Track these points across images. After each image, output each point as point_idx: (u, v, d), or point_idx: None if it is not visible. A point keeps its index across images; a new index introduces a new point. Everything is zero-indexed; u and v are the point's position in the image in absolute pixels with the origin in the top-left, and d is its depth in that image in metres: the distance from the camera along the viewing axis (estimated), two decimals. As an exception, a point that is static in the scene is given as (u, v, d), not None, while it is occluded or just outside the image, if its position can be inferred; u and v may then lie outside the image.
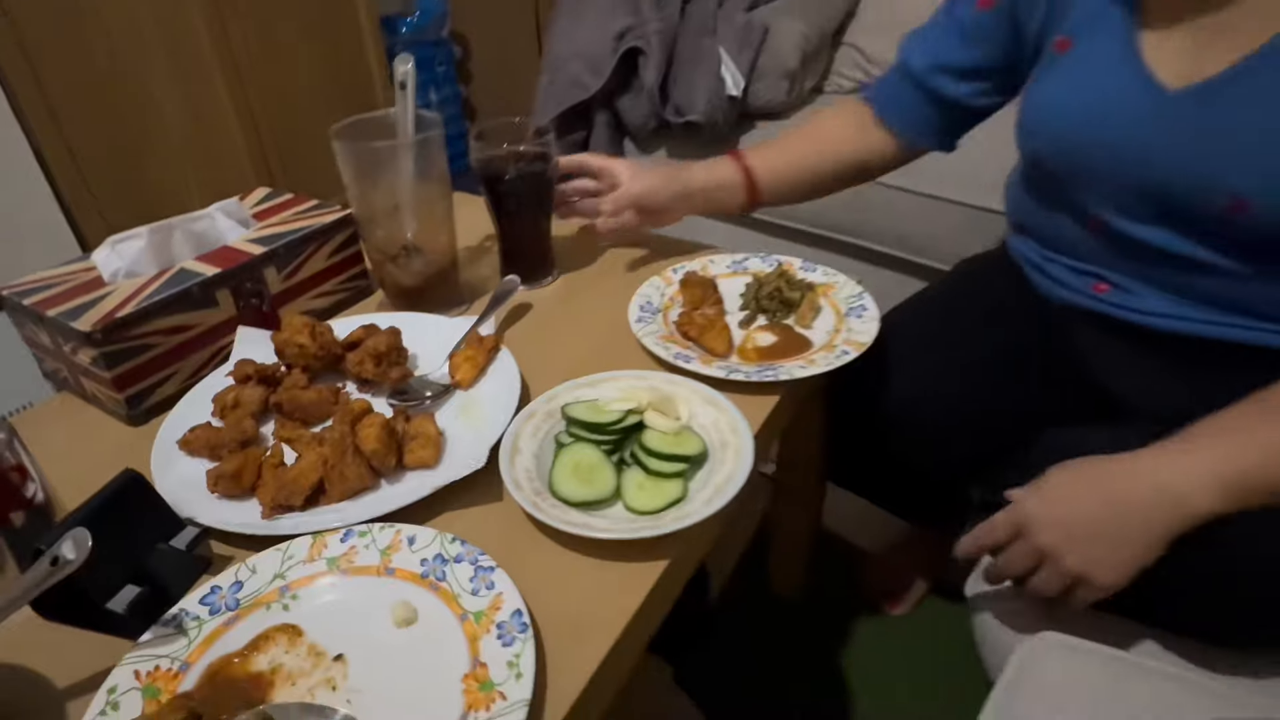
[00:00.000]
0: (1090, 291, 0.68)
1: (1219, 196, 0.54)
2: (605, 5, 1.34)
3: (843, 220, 1.31)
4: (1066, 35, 0.63)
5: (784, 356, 0.67)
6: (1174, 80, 0.56)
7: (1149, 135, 0.57)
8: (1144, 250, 0.62)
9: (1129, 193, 0.60)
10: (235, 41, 1.65)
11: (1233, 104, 0.54)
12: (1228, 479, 0.48)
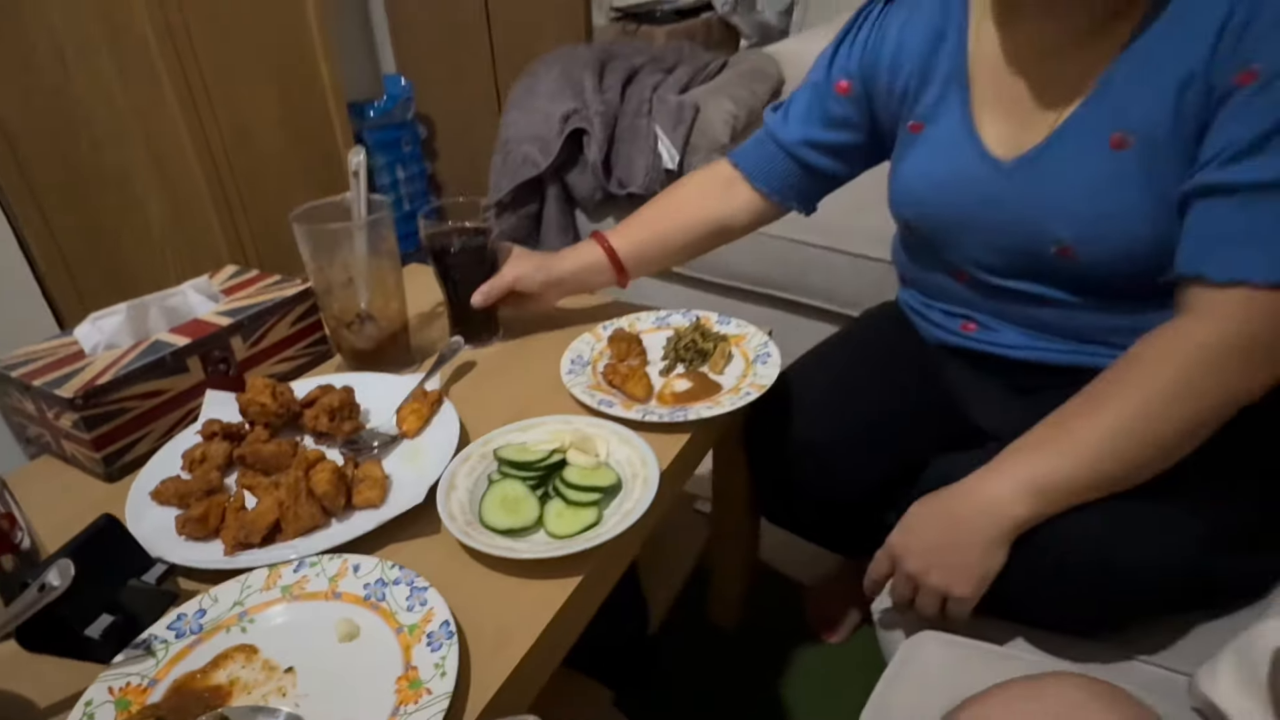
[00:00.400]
0: (960, 331, 0.78)
1: (1049, 244, 0.65)
2: (552, 92, 1.48)
3: (772, 275, 1.43)
4: (919, 120, 0.74)
5: (697, 400, 0.76)
6: (1005, 153, 0.68)
7: (991, 199, 0.68)
8: (1001, 293, 0.72)
9: (982, 247, 0.71)
10: (210, 131, 1.76)
11: (1046, 170, 0.65)
12: (1036, 486, 0.57)
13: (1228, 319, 0.56)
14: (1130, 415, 0.57)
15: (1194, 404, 0.56)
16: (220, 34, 1.75)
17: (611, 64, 1.54)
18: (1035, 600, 0.62)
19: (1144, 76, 0.59)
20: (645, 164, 1.38)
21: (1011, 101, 0.67)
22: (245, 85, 1.83)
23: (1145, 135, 0.59)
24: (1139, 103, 0.59)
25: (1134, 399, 0.57)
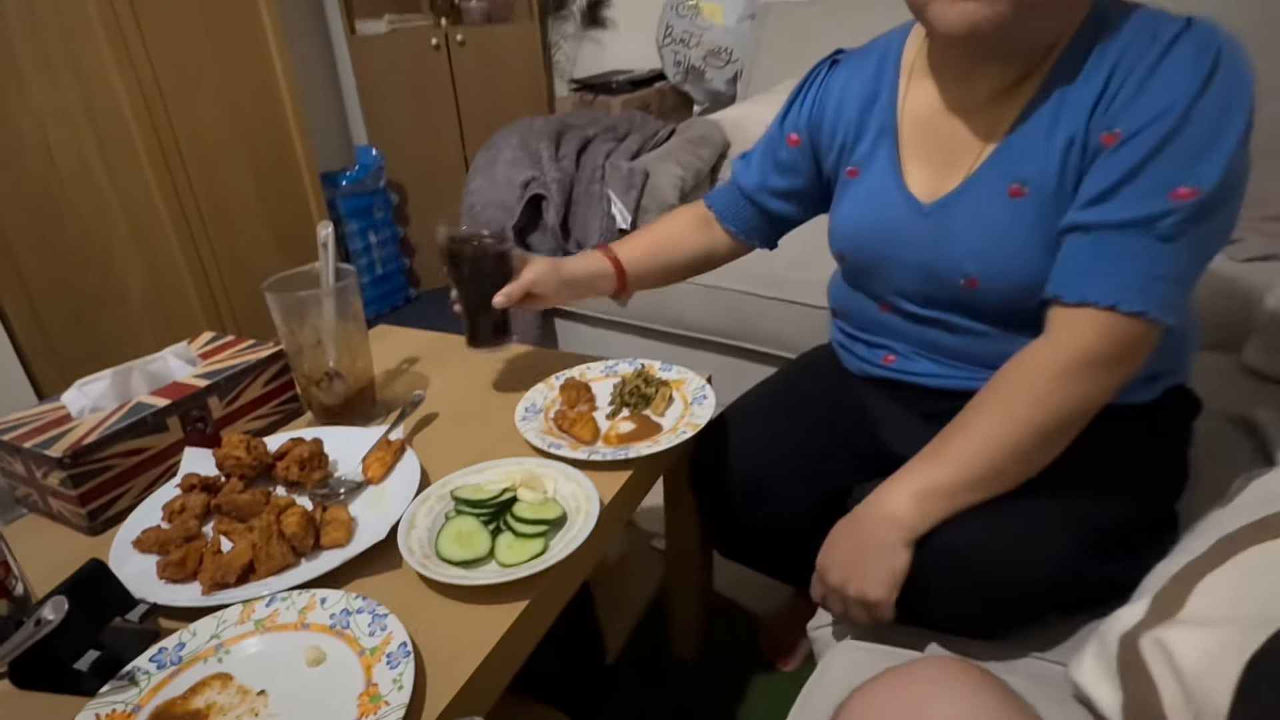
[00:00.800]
0: (881, 363, 0.87)
1: (959, 277, 0.74)
2: (512, 161, 1.58)
3: (723, 324, 1.52)
4: (855, 166, 0.84)
5: (640, 439, 0.83)
6: (925, 197, 0.77)
7: (913, 236, 0.77)
8: (918, 322, 0.81)
9: (903, 278, 0.80)
10: (188, 205, 1.85)
11: (958, 213, 0.74)
12: (919, 492, 0.66)
13: (1073, 336, 0.65)
14: (991, 424, 0.66)
15: (1044, 412, 0.65)
16: (197, 112, 1.85)
17: (567, 134, 1.66)
18: (941, 609, 0.69)
19: (1037, 137, 0.69)
20: (600, 225, 1.48)
21: (932, 153, 0.77)
22: (222, 161, 1.93)
23: (1037, 186, 0.69)
24: (1032, 159, 0.69)
25: (994, 410, 0.67)
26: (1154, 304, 0.63)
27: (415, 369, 1.07)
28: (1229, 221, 0.66)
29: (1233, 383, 0.99)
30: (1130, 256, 0.63)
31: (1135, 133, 0.62)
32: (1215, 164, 0.60)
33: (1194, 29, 0.62)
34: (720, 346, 1.58)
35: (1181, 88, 0.60)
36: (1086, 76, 0.66)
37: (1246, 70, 0.62)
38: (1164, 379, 0.78)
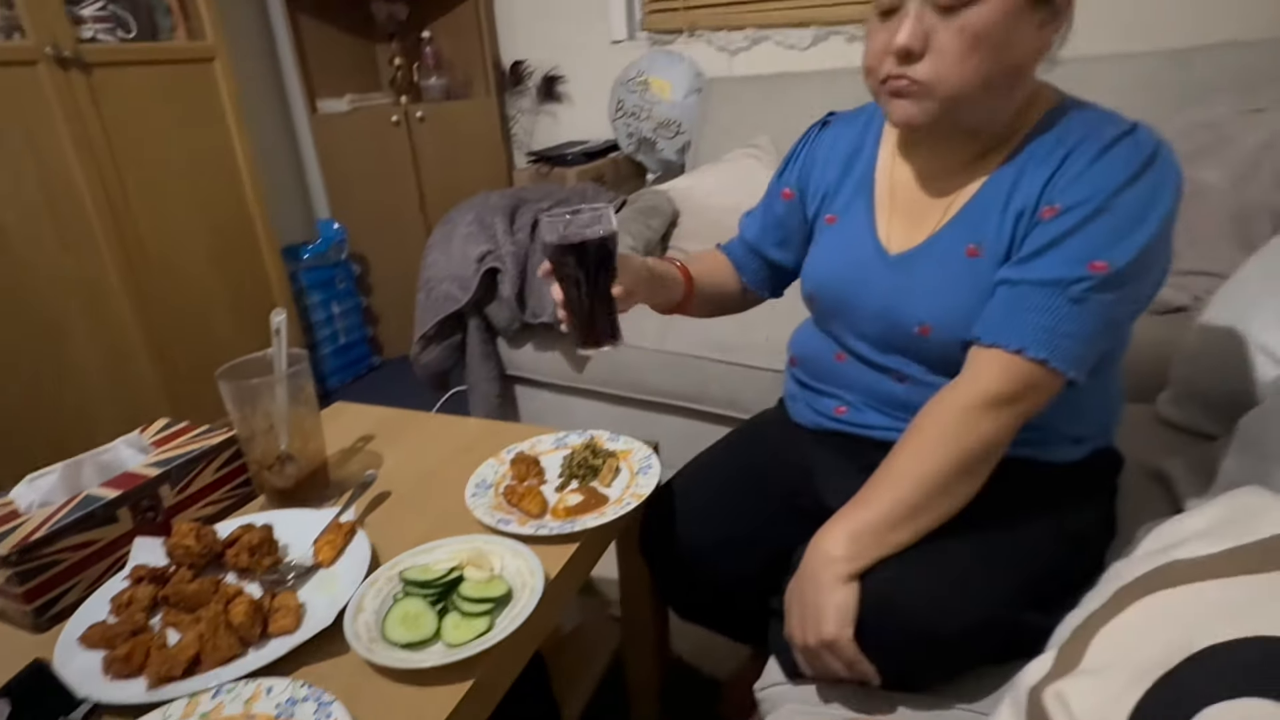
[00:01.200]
0: (833, 414, 0.91)
1: (913, 324, 0.80)
2: (467, 235, 1.63)
3: (679, 387, 1.56)
4: (833, 215, 0.91)
5: (587, 511, 0.86)
6: (893, 249, 0.83)
7: (877, 283, 0.83)
8: (873, 367, 0.86)
9: (865, 321, 0.85)
10: (145, 283, 1.86)
11: (919, 266, 0.81)
12: (851, 532, 0.72)
13: (984, 375, 0.72)
14: (910, 462, 0.72)
15: (957, 446, 0.71)
16: (156, 193, 1.88)
17: (522, 208, 1.72)
18: (873, 660, 0.72)
19: (995, 206, 0.76)
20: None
21: (903, 210, 0.84)
22: (181, 240, 1.95)
23: (990, 249, 0.76)
24: (988, 225, 0.76)
25: (913, 448, 0.73)
26: (1055, 355, 0.70)
27: (370, 447, 1.09)
28: (1138, 299, 0.73)
29: (1149, 434, 1.04)
30: (1042, 311, 0.70)
31: (1069, 208, 0.70)
32: (1130, 246, 0.68)
33: (1138, 131, 0.71)
34: (676, 409, 1.62)
35: (1114, 177, 0.68)
36: (1044, 159, 0.73)
37: (1176, 173, 0.70)
38: (1089, 442, 0.84)
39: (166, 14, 1.91)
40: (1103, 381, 0.84)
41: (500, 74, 2.68)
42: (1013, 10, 0.68)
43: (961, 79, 0.70)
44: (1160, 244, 0.71)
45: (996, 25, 0.68)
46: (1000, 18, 0.67)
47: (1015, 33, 0.69)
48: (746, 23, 2.26)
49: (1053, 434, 0.82)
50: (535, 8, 2.59)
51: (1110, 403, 0.87)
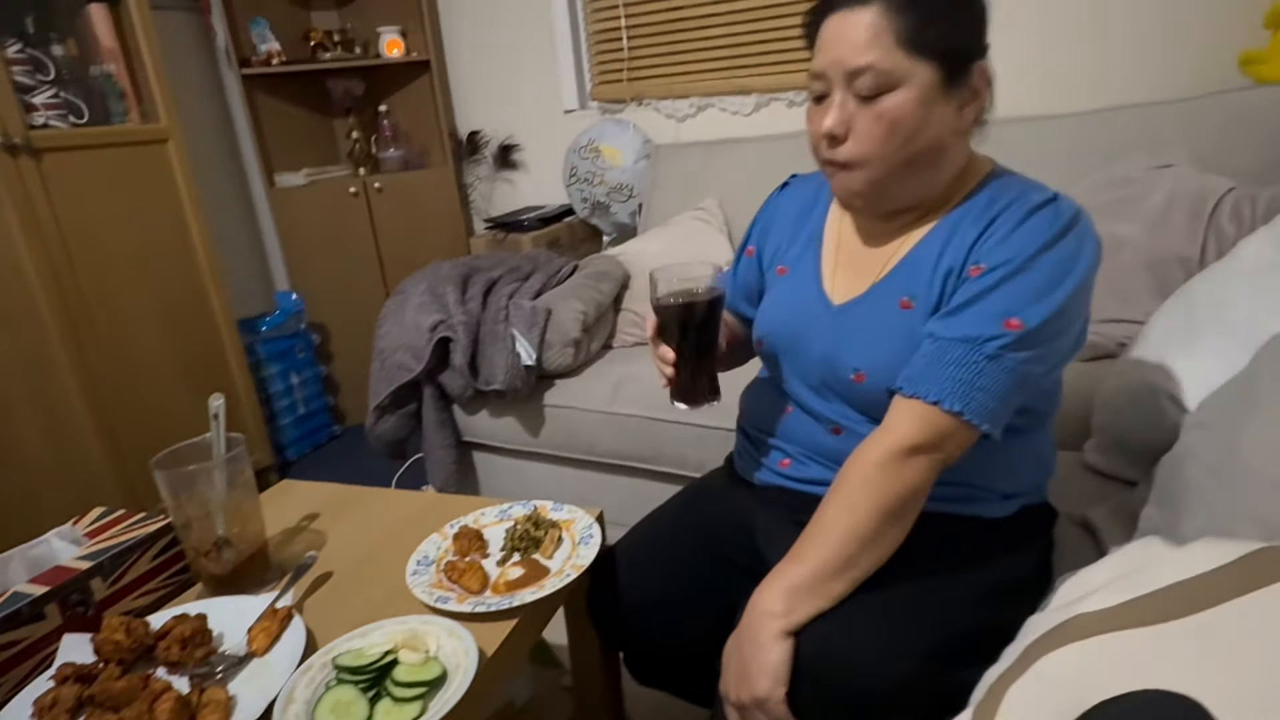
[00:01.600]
0: (778, 467, 0.93)
1: (849, 370, 0.83)
2: (419, 305, 1.66)
3: (634, 449, 1.58)
4: (785, 265, 0.95)
5: (528, 585, 0.86)
6: (836, 299, 0.88)
7: (821, 330, 0.87)
8: (814, 417, 0.89)
9: (808, 364, 0.88)
10: (94, 363, 1.85)
11: (857, 316, 0.85)
12: (787, 588, 0.74)
13: (902, 425, 0.75)
14: (835, 515, 0.75)
15: (879, 496, 0.74)
16: (107, 272, 1.88)
17: (474, 276, 1.75)
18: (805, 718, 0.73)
19: (927, 263, 0.81)
20: (505, 363, 1.55)
21: (846, 264, 0.89)
22: (132, 317, 1.94)
23: (921, 302, 0.81)
24: (920, 280, 0.81)
25: (837, 502, 0.76)
26: (970, 408, 0.74)
27: (315, 525, 1.08)
28: (1051, 359, 0.77)
29: (1077, 482, 1.08)
30: (960, 365, 0.74)
31: (993, 268, 0.75)
32: (1044, 307, 0.73)
33: (1059, 200, 0.76)
34: (633, 470, 1.63)
35: (1035, 240, 0.74)
36: (974, 221, 0.79)
37: (1093, 240, 0.76)
38: (1019, 498, 0.87)
39: (120, 99, 1.94)
40: (1034, 441, 0.87)
41: (457, 144, 2.74)
42: (925, 98, 0.74)
43: (883, 160, 0.76)
44: (1075, 306, 0.76)
45: (911, 111, 0.74)
46: (914, 105, 0.73)
47: (930, 116, 0.75)
48: (691, 91, 2.35)
49: (984, 491, 0.85)
50: (490, 80, 2.68)
51: (1041, 461, 0.90)
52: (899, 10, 0.72)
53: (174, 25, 2.42)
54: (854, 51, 0.74)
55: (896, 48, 0.73)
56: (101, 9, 1.88)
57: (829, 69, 0.76)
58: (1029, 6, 1.94)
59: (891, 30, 0.73)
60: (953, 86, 0.75)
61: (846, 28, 0.75)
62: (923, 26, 0.72)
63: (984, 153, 0.86)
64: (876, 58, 0.73)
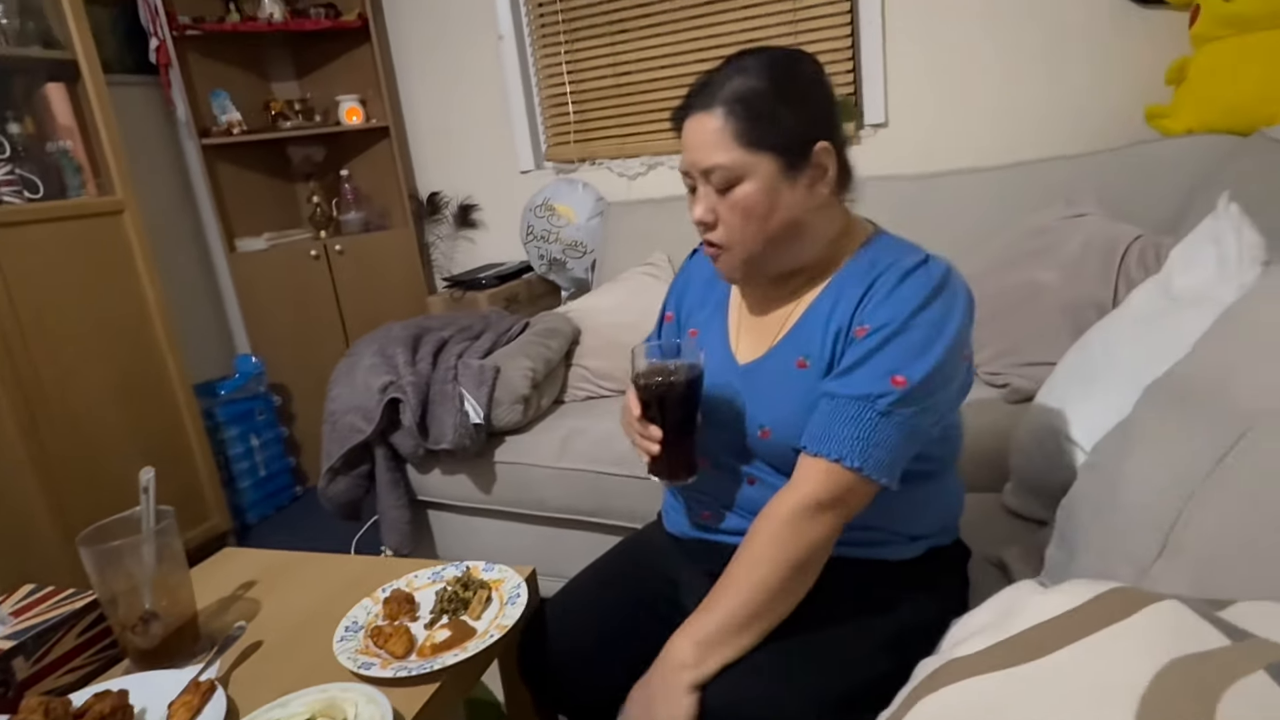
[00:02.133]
0: (701, 519, 0.96)
1: (756, 427, 0.87)
2: (370, 367, 1.68)
3: (582, 503, 1.60)
4: (696, 328, 1.00)
5: (453, 647, 0.88)
6: (743, 360, 0.92)
7: (731, 389, 0.91)
8: (729, 471, 0.92)
9: (721, 424, 0.91)
10: (46, 438, 1.84)
11: (760, 376, 0.89)
12: (698, 640, 0.77)
13: (808, 482, 0.79)
14: (744, 570, 0.78)
15: (785, 551, 0.78)
16: (61, 344, 1.88)
17: (425, 337, 1.79)
18: None
19: (818, 324, 0.86)
20: (453, 422, 1.57)
21: (750, 327, 0.94)
22: (87, 391, 1.95)
23: (815, 361, 0.85)
24: (812, 341, 0.86)
25: (746, 557, 0.79)
26: (869, 464, 0.78)
27: (251, 593, 1.09)
28: (939, 410, 0.82)
29: (994, 523, 1.12)
30: (856, 423, 0.79)
31: (876, 329, 0.80)
32: (925, 364, 0.78)
33: (931, 262, 0.82)
34: (584, 524, 1.65)
35: (911, 301, 0.79)
36: (857, 283, 0.84)
37: (965, 296, 0.83)
38: (926, 540, 0.91)
39: (76, 172, 1.98)
40: (938, 484, 0.91)
41: (418, 205, 2.81)
42: (770, 186, 0.81)
43: (744, 242, 0.83)
44: (953, 359, 0.81)
45: (759, 199, 0.81)
46: (760, 194, 0.81)
47: (779, 200, 0.82)
48: (641, 151, 2.44)
49: (890, 534, 0.89)
50: (449, 142, 2.76)
51: (947, 503, 0.94)
52: (736, 114, 0.80)
53: (135, 99, 2.49)
54: (704, 153, 0.82)
55: (737, 146, 0.80)
56: (59, 87, 1.93)
57: (690, 168, 0.85)
58: (954, 73, 2.06)
59: (730, 131, 0.80)
60: (795, 171, 0.82)
61: (697, 131, 0.82)
62: (757, 126, 0.80)
63: (919, 205, 0.93)
64: (721, 158, 0.81)
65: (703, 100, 0.82)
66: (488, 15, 2.53)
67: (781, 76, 0.81)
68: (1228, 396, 0.68)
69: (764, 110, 0.80)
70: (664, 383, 0.87)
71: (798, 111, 0.81)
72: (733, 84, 0.80)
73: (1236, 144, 1.53)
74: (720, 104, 0.80)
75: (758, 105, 0.80)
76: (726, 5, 2.24)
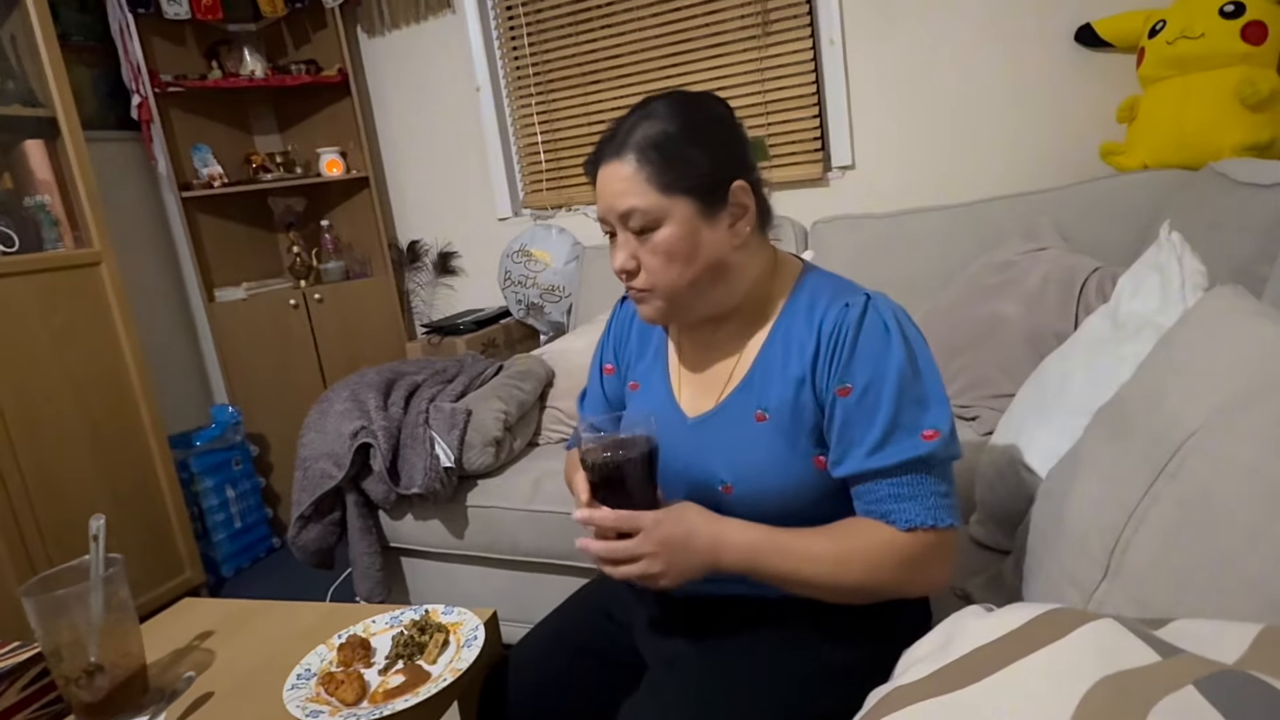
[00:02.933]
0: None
1: (717, 483, 0.85)
2: (342, 412, 1.68)
3: (556, 547, 1.58)
4: (636, 381, 0.98)
5: (405, 693, 0.86)
6: (690, 412, 0.90)
7: (680, 445, 0.89)
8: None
9: (674, 482, 0.89)
10: (12, 484, 1.82)
11: (713, 429, 0.87)
12: (748, 552, 0.78)
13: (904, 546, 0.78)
14: (827, 558, 0.78)
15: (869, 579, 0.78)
16: (33, 396, 1.88)
17: (399, 382, 1.79)
18: None
19: (773, 371, 0.85)
20: (424, 465, 1.56)
21: (694, 376, 0.92)
22: (59, 444, 1.93)
23: (776, 413, 0.84)
24: (768, 393, 0.85)
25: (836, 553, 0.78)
26: (944, 517, 0.78)
27: (208, 644, 1.06)
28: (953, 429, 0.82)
29: (962, 554, 1.11)
30: (920, 486, 0.78)
31: (865, 389, 0.78)
32: (941, 405, 0.79)
33: (874, 300, 0.82)
34: (557, 568, 1.63)
35: (881, 352, 0.78)
36: (803, 327, 0.84)
37: (909, 324, 0.82)
38: None
39: (54, 226, 2.00)
40: None
41: (398, 253, 2.84)
42: (689, 228, 0.81)
43: (668, 284, 0.83)
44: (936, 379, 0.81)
45: (679, 241, 0.81)
46: (680, 236, 0.81)
47: (699, 240, 0.82)
48: (616, 196, 2.48)
49: None
50: (429, 192, 2.80)
51: None
52: (649, 159, 0.80)
53: (116, 154, 2.53)
54: (620, 197, 0.82)
55: (651, 190, 0.80)
56: (38, 144, 1.97)
57: (606, 214, 0.84)
58: (917, 116, 2.12)
59: (643, 176, 0.80)
60: (713, 211, 0.82)
61: (611, 178, 0.82)
62: (669, 169, 0.80)
63: (888, 242, 0.94)
64: (637, 201, 0.81)
65: (613, 148, 0.82)
66: (465, 68, 2.60)
67: (690, 119, 0.81)
68: (1161, 418, 0.68)
69: (675, 153, 0.80)
70: (611, 463, 0.80)
71: (709, 152, 0.81)
72: (641, 129, 0.81)
73: (1187, 177, 1.58)
74: (631, 150, 0.80)
75: (668, 148, 0.80)
76: (694, 56, 2.31)
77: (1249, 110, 1.57)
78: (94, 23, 2.47)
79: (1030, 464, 1.01)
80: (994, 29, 1.99)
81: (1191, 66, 1.64)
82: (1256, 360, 0.65)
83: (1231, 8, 1.59)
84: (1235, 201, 1.22)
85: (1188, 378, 0.70)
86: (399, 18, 2.65)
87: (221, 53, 2.59)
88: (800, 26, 2.18)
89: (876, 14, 2.09)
